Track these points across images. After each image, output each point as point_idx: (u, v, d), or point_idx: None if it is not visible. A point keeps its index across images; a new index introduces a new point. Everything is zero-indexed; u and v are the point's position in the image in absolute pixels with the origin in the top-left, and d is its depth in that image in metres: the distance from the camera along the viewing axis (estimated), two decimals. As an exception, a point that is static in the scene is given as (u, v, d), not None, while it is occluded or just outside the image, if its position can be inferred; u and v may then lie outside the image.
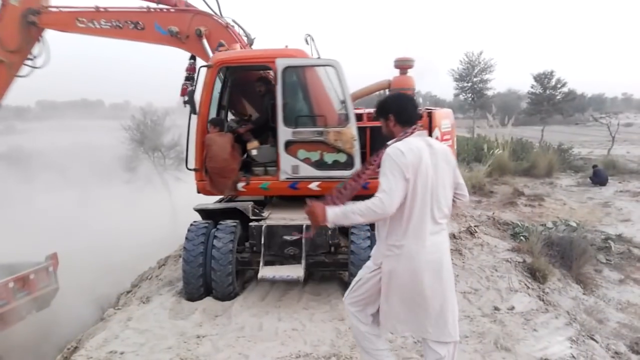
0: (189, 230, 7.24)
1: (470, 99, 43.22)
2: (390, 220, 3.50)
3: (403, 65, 7.23)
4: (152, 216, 13.06)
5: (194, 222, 7.44)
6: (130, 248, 11.09)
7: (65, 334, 8.99)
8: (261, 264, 6.91)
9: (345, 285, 7.26)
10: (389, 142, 3.57)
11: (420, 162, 3.37)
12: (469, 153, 22.75)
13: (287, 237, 6.95)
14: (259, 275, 6.78)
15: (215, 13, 8.27)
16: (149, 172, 17.86)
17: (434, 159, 3.48)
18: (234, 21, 8.35)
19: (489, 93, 43.54)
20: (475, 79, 41.65)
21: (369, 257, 6.44)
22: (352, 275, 6.56)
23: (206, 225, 7.30)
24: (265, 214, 7.49)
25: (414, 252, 3.49)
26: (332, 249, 7.17)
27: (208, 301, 6.97)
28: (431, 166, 3.44)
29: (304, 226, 6.77)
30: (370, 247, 6.68)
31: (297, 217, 7.16)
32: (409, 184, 3.35)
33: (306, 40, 7.65)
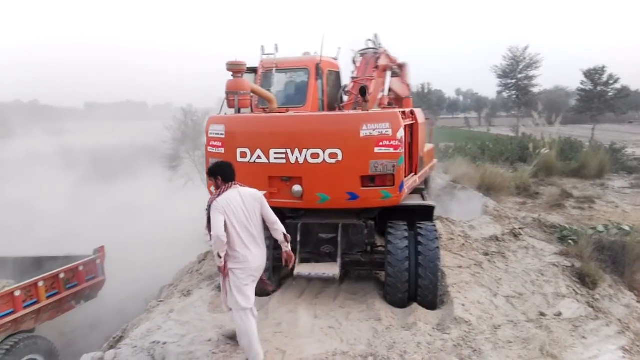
0: (227, 229, 7.36)
1: (514, 96, 42.21)
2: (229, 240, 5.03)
3: (235, 69, 7.00)
4: (192, 213, 13.34)
5: (233, 219, 7.55)
6: (172, 243, 11.38)
7: (111, 323, 9.35)
8: (297, 261, 6.93)
9: (381, 285, 7.26)
10: (211, 198, 5.16)
11: (230, 205, 5.03)
12: (513, 152, 22.23)
13: (323, 235, 6.97)
14: (295, 272, 6.82)
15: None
16: (189, 170, 18.30)
17: (243, 199, 5.16)
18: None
19: (535, 90, 42.37)
20: (520, 76, 40.64)
21: (406, 258, 6.53)
22: (389, 275, 6.58)
23: (244, 222, 7.40)
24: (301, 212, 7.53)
25: (246, 256, 5.16)
26: (368, 248, 7.15)
27: (246, 296, 7.06)
28: (242, 204, 5.12)
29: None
30: (408, 247, 6.63)
31: (332, 216, 7.16)
32: (227, 219, 4.99)
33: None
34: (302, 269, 6.81)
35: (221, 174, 5.26)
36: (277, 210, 7.15)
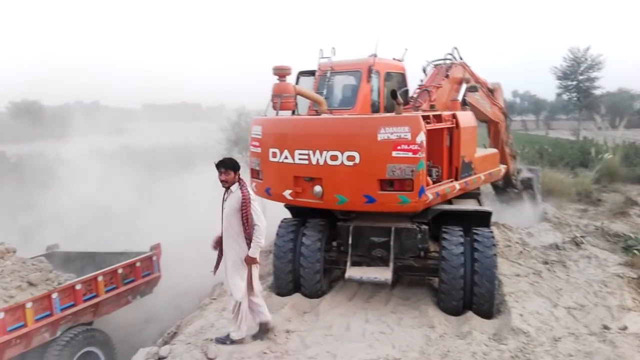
0: (279, 227, 7.45)
1: (575, 98, 40.51)
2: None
3: (281, 73, 7.05)
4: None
5: (285, 219, 7.63)
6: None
7: (165, 319, 9.59)
8: (348, 264, 6.90)
9: (435, 291, 7.10)
10: (239, 186, 5.62)
11: None
12: (574, 157, 21.34)
13: (375, 239, 6.89)
14: (346, 275, 6.78)
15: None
16: (241, 171, 18.55)
17: None
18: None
19: (597, 92, 40.50)
20: (581, 77, 38.95)
21: (461, 264, 6.35)
22: (443, 282, 6.42)
23: (295, 222, 7.45)
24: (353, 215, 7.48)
25: None
26: (422, 253, 7.01)
27: (297, 297, 7.11)
28: None
29: None
30: (464, 253, 6.45)
31: (384, 220, 7.07)
32: None
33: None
34: (353, 273, 6.76)
35: (238, 169, 5.68)
36: (325, 212, 7.19)
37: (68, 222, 13.11)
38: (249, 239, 5.55)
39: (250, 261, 5.61)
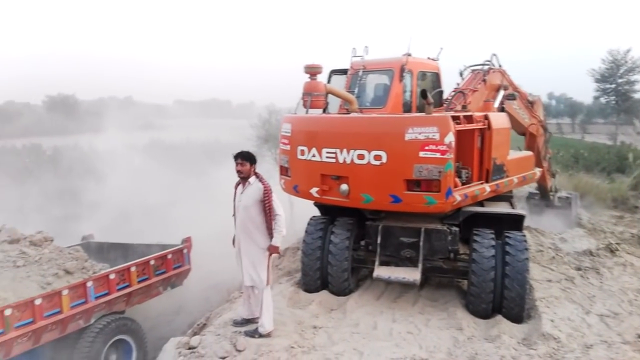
0: (308, 224, 7.50)
1: (613, 102, 39.37)
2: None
3: (312, 71, 7.05)
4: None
5: (314, 216, 7.67)
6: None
7: (194, 310, 9.77)
8: (376, 263, 6.90)
9: (463, 293, 7.04)
10: (258, 179, 5.85)
11: None
12: (610, 162, 20.80)
13: (404, 239, 6.87)
14: (374, 274, 6.78)
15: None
16: (270, 168, 18.73)
17: None
18: None
19: (637, 96, 39.28)
20: (620, 80, 37.82)
21: (492, 268, 6.29)
22: (473, 284, 6.36)
23: (324, 220, 7.49)
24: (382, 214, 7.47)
25: None
26: (451, 255, 6.95)
27: (324, 294, 7.15)
28: None
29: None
30: (495, 256, 6.38)
31: (414, 220, 7.05)
32: None
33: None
34: (381, 272, 6.75)
35: (254, 162, 5.89)
36: (353, 211, 7.20)
37: (102, 214, 13.47)
38: (269, 229, 5.67)
39: (274, 250, 5.77)
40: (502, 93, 8.40)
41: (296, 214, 12.20)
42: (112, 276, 7.83)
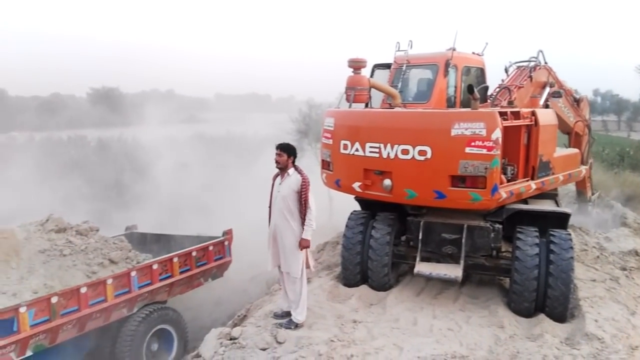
0: (349, 219, 7.51)
1: (662, 99, 37.83)
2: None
3: (356, 66, 6.96)
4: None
5: (354, 211, 7.68)
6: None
7: (233, 302, 9.93)
8: (417, 259, 6.86)
9: (505, 291, 6.94)
10: (297, 171, 5.92)
11: None
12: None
13: (446, 235, 6.81)
14: (415, 270, 6.75)
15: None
16: (310, 162, 18.80)
17: None
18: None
19: (687, 93, 37.63)
20: (670, 77, 36.29)
21: (536, 266, 6.18)
22: (516, 282, 6.27)
23: (365, 215, 7.49)
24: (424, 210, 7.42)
25: None
26: (494, 252, 6.86)
27: (364, 289, 7.16)
28: None
29: None
30: (539, 255, 6.26)
31: (457, 217, 6.97)
32: None
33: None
34: (422, 268, 6.72)
35: (295, 156, 5.97)
36: (394, 206, 7.17)
37: (145, 205, 13.81)
38: (304, 220, 5.80)
39: (305, 244, 5.85)
40: (547, 90, 8.22)
41: (335, 208, 12.25)
42: (155, 266, 8.02)
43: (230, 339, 5.81)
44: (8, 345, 6.11)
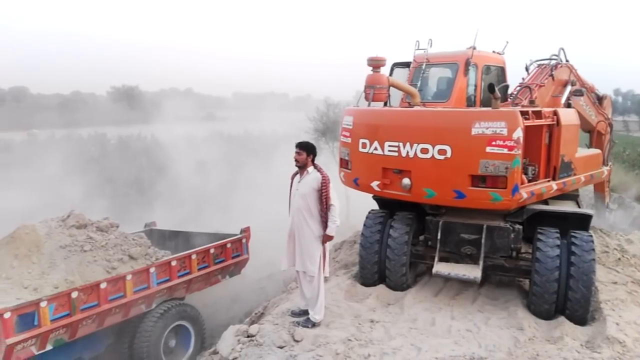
0: (367, 218, 7.48)
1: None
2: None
3: (375, 64, 6.90)
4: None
5: (372, 210, 7.65)
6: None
7: (250, 299, 9.97)
8: (436, 259, 6.81)
9: (525, 293, 6.86)
10: (316, 169, 5.91)
11: None
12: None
13: (465, 236, 6.76)
14: (434, 270, 6.70)
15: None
16: (327, 161, 18.80)
17: None
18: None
19: None
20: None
21: (556, 268, 6.09)
22: (536, 284, 6.19)
23: (383, 214, 7.46)
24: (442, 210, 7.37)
25: None
26: (513, 253, 6.79)
27: (381, 288, 7.13)
28: None
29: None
30: (559, 256, 6.18)
31: (476, 217, 6.90)
32: None
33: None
34: (441, 268, 6.67)
35: (314, 154, 5.99)
36: (413, 205, 7.12)
37: (163, 202, 13.93)
38: (324, 218, 5.77)
39: (328, 239, 5.88)
40: (569, 89, 8.09)
41: (352, 208, 12.21)
42: (173, 263, 8.09)
43: (248, 336, 5.83)
44: (29, 339, 6.21)
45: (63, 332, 6.64)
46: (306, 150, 5.90)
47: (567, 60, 8.55)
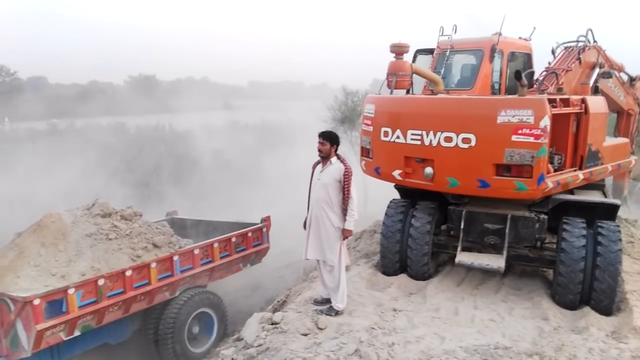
0: (388, 207, 7.45)
1: None
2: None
3: (398, 51, 6.81)
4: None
5: (394, 199, 7.62)
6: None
7: (270, 287, 10.05)
8: (459, 249, 6.76)
9: (549, 283, 6.81)
10: (339, 160, 5.82)
11: None
12: None
13: (489, 225, 6.70)
14: (457, 260, 6.66)
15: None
16: (345, 150, 18.74)
17: None
18: None
19: None
20: None
21: (582, 258, 6.02)
22: (561, 274, 6.13)
23: (405, 203, 7.42)
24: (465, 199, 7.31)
25: None
26: (538, 243, 6.72)
27: (403, 278, 7.12)
28: None
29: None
30: (585, 246, 6.11)
31: (500, 206, 6.83)
32: None
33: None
34: (464, 258, 6.63)
35: (338, 144, 5.90)
36: (435, 194, 7.07)
37: (184, 191, 14.05)
38: (344, 210, 5.76)
39: (348, 234, 5.87)
40: (597, 71, 7.88)
41: (370, 197, 12.19)
42: (196, 251, 8.20)
43: (272, 324, 5.88)
44: (58, 325, 6.36)
45: (90, 319, 6.78)
46: (330, 140, 5.85)
47: (595, 42, 8.35)
